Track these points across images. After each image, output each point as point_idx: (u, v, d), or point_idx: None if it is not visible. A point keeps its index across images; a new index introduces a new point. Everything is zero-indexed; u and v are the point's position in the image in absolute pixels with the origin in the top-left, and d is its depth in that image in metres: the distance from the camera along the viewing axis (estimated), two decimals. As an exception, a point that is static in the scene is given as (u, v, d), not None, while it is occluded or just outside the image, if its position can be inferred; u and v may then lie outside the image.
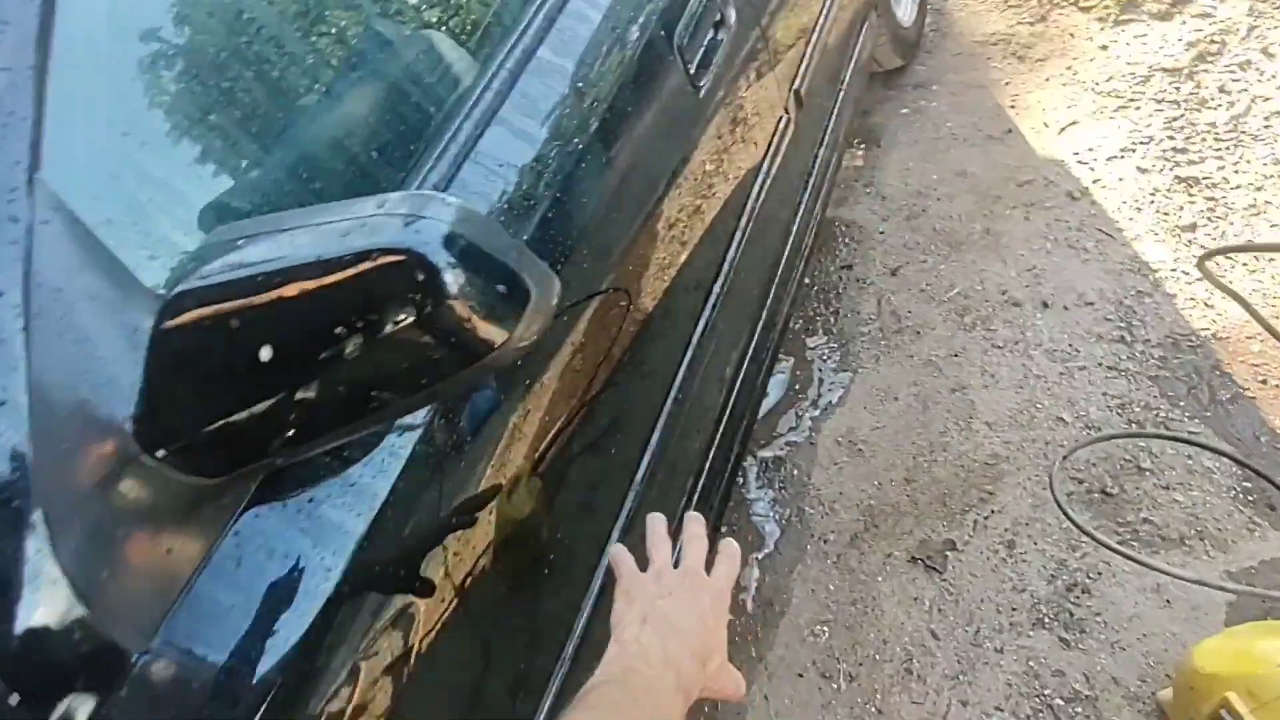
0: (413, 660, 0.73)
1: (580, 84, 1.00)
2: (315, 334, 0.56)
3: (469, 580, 0.88)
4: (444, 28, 1.00)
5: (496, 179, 0.88)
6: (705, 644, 0.67)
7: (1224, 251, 1.67)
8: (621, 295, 1.09)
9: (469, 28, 1.00)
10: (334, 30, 0.93)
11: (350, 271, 0.51)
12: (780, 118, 1.52)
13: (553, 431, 1.00)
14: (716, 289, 1.35)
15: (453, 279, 0.51)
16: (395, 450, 0.75)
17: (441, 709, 0.81)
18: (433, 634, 0.76)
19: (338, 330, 0.55)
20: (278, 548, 0.68)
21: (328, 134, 0.87)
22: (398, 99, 0.91)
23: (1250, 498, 1.45)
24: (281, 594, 0.67)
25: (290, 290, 0.52)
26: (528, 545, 0.98)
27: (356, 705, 0.68)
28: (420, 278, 0.52)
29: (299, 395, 0.58)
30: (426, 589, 0.77)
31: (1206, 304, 1.72)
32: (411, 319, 0.53)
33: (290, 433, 0.60)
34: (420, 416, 0.79)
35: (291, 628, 0.65)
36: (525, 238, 0.90)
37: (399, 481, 0.75)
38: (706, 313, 1.33)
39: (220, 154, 0.80)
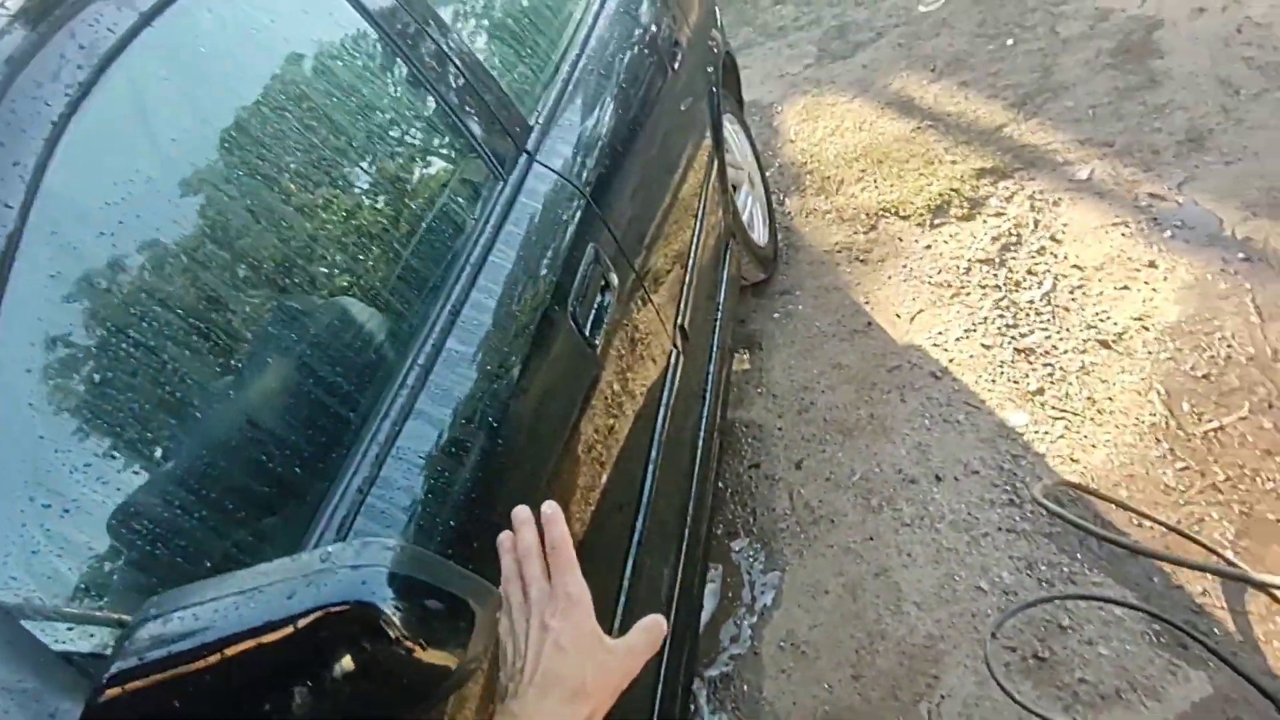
0: None
1: (489, 367, 1.10)
2: (262, 697, 0.56)
3: None
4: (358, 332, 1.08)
5: (418, 473, 0.93)
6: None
7: (1058, 490, 1.85)
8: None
9: (380, 333, 1.09)
10: (231, 320, 0.98)
11: (295, 631, 0.53)
12: (670, 352, 1.67)
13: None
14: (639, 521, 1.40)
15: (399, 619, 0.54)
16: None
17: None
18: None
19: (286, 689, 0.55)
20: None
21: (241, 439, 0.89)
22: (313, 400, 0.96)
23: (1163, 639, 1.54)
24: None
25: (235, 657, 0.53)
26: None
27: None
28: (366, 623, 0.54)
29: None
30: None
31: (1072, 459, 1.92)
32: (357, 665, 0.55)
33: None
34: None
35: None
36: (455, 526, 0.93)
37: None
38: (634, 547, 1.36)
39: (120, 471, 0.80)
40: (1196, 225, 2.36)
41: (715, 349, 2.07)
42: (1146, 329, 2.13)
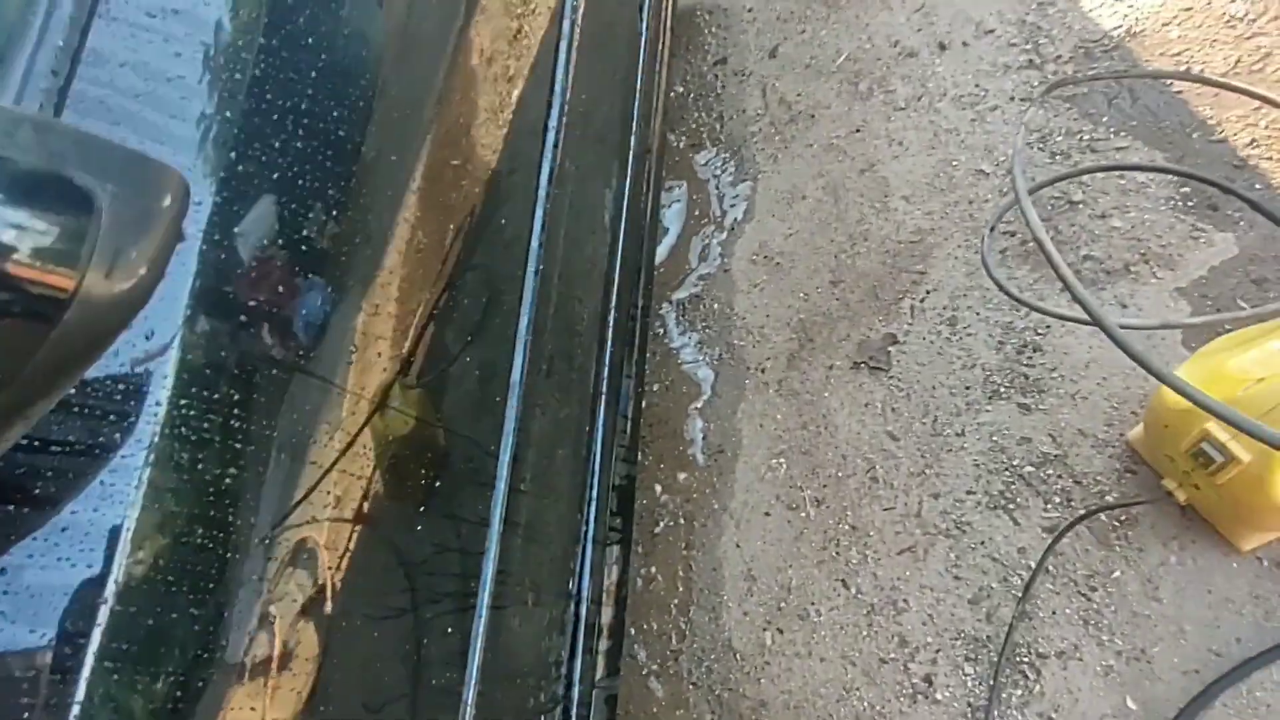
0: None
1: None
2: None
3: (360, 532, 0.70)
4: None
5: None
6: None
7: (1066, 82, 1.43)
8: (444, 164, 0.85)
9: None
10: None
11: None
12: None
13: (413, 330, 0.80)
14: (553, 123, 1.09)
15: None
16: (128, 459, 0.54)
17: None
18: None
19: None
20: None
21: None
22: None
23: (1190, 203, 1.33)
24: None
25: None
26: (418, 464, 0.81)
27: None
28: None
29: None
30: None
31: (1115, -2, 1.52)
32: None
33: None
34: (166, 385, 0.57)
35: None
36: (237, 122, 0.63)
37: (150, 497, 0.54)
38: (547, 155, 1.08)
39: None
40: None
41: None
42: None
